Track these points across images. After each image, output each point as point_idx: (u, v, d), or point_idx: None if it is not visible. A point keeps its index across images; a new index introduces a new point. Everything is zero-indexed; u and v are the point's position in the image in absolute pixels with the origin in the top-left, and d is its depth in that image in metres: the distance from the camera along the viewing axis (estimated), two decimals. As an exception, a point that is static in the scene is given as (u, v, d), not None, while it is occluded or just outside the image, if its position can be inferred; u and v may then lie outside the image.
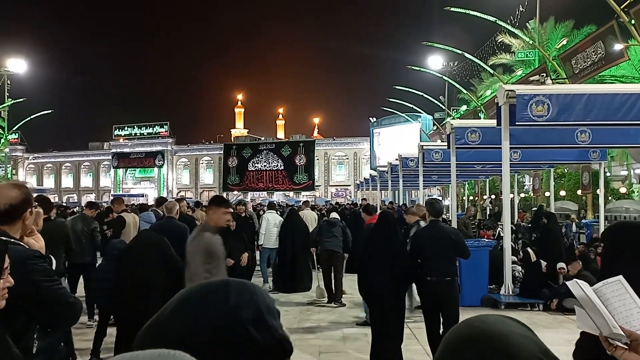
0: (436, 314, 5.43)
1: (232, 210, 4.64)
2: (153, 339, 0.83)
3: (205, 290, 0.89)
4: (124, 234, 7.27)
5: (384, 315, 5.13)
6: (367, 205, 9.76)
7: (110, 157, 68.20)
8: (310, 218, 12.04)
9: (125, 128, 68.45)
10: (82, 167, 71.34)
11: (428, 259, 5.43)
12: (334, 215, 10.12)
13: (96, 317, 7.05)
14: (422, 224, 8.05)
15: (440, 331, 5.40)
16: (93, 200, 10.71)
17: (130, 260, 5.28)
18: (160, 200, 10.24)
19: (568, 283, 1.38)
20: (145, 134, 67.15)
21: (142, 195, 56.54)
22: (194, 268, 4.06)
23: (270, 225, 10.36)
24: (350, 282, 9.12)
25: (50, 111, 48.29)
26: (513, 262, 9.28)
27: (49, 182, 68.82)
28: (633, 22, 15.29)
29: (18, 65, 38.90)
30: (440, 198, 39.46)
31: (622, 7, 15.46)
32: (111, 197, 41.10)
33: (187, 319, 0.85)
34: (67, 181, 71.38)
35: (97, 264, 7.15)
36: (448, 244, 5.47)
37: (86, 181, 71.18)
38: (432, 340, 5.40)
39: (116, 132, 68.82)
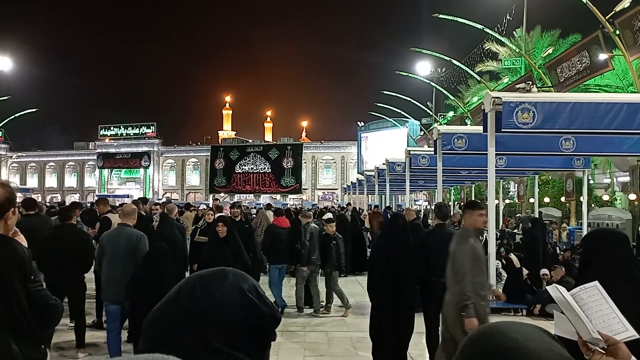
0: (438, 314, 5.50)
1: (484, 212, 4.58)
2: (162, 324, 0.98)
3: (206, 274, 1.05)
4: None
5: (388, 317, 5.16)
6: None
7: (95, 157, 67.52)
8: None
9: (111, 128, 67.84)
10: (67, 166, 70.56)
11: (435, 260, 5.50)
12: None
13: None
14: (313, 225, 8.55)
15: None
16: (77, 201, 10.62)
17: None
18: (143, 201, 10.18)
19: (548, 287, 1.40)
20: (132, 134, 66.62)
21: (127, 196, 55.95)
22: (463, 273, 4.22)
23: None
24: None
25: (34, 110, 47.80)
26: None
27: (32, 182, 67.94)
28: (617, 32, 15.54)
29: (3, 62, 38.36)
30: (426, 203, 39.69)
31: (607, 17, 15.71)
32: (96, 198, 40.58)
33: (197, 299, 0.98)
34: (51, 181, 70.52)
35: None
36: None
37: (70, 181, 70.38)
38: (431, 339, 5.52)
39: (102, 132, 68.19)
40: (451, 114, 38.13)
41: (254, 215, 13.72)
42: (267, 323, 1.03)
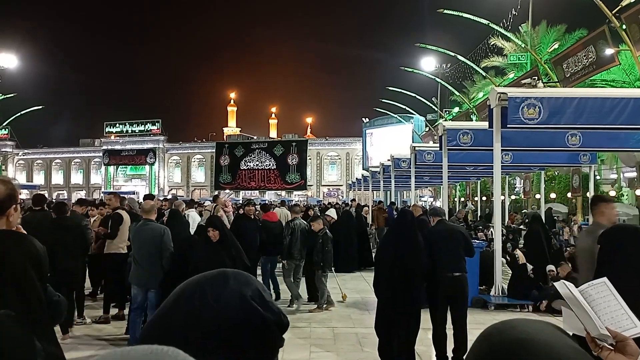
0: (445, 310, 5.50)
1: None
2: (160, 331, 0.94)
3: (206, 279, 0.99)
4: (121, 231, 7.21)
5: (394, 313, 5.16)
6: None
7: (101, 154, 67.73)
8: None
9: (117, 125, 67.97)
10: (73, 163, 70.81)
11: (440, 255, 5.52)
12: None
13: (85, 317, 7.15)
14: (298, 221, 8.70)
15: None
16: (83, 197, 10.76)
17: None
18: (148, 197, 10.17)
19: (555, 284, 1.39)
20: (137, 131, 66.75)
21: (133, 193, 56.16)
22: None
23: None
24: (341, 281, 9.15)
25: (40, 107, 48.03)
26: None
27: (38, 179, 68.22)
28: (624, 27, 15.43)
29: (9, 60, 38.50)
30: (432, 199, 39.64)
31: (613, 12, 15.59)
32: (101, 195, 40.65)
33: (194, 307, 0.93)
34: (57, 178, 70.81)
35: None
36: (459, 240, 5.66)
37: (76, 178, 70.64)
38: (437, 335, 5.49)
39: (107, 129, 68.33)
40: (456, 109, 38.01)
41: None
42: (271, 330, 0.98)
